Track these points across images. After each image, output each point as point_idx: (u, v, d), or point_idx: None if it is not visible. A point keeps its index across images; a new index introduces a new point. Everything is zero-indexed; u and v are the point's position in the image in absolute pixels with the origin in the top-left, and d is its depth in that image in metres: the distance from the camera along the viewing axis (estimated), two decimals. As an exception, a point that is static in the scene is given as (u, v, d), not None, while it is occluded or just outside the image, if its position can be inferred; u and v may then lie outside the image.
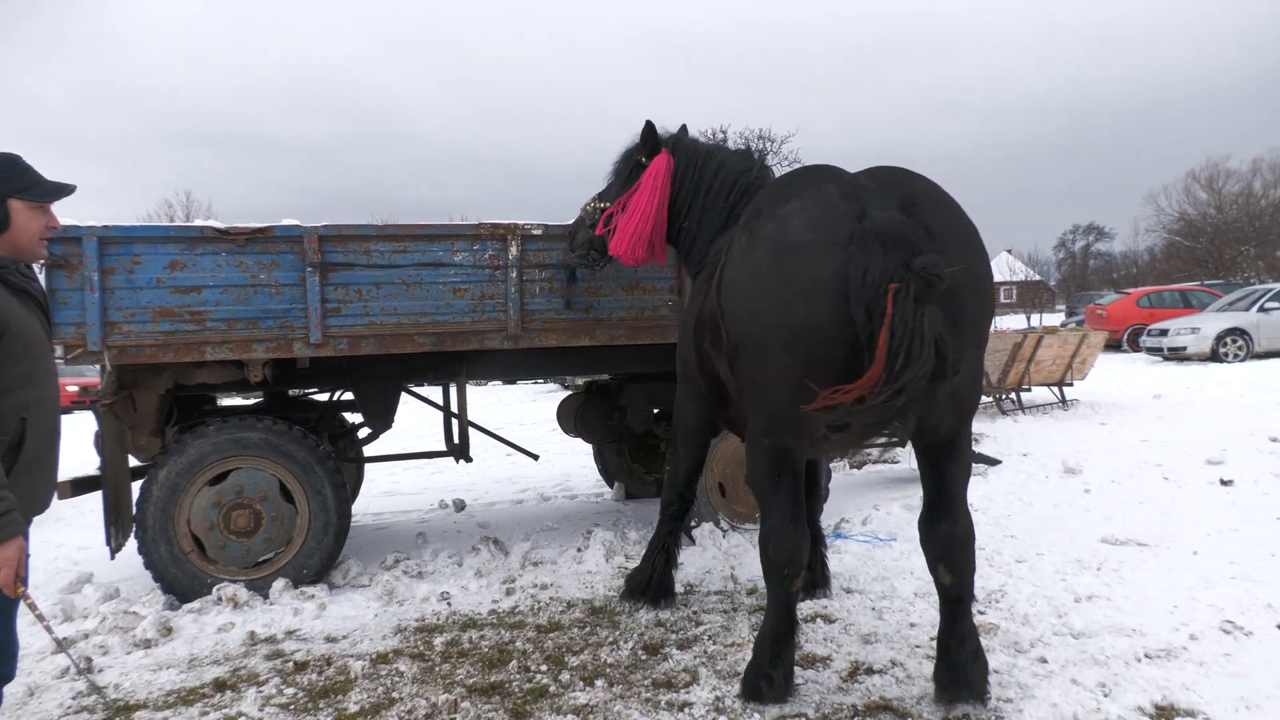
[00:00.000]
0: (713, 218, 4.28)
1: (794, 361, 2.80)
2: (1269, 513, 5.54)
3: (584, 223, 4.80)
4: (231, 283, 4.76)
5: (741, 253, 3.02)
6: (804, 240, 2.79)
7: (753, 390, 3.07)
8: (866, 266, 2.61)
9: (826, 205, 2.85)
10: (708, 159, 4.39)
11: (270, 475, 4.96)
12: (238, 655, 4.07)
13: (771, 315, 2.84)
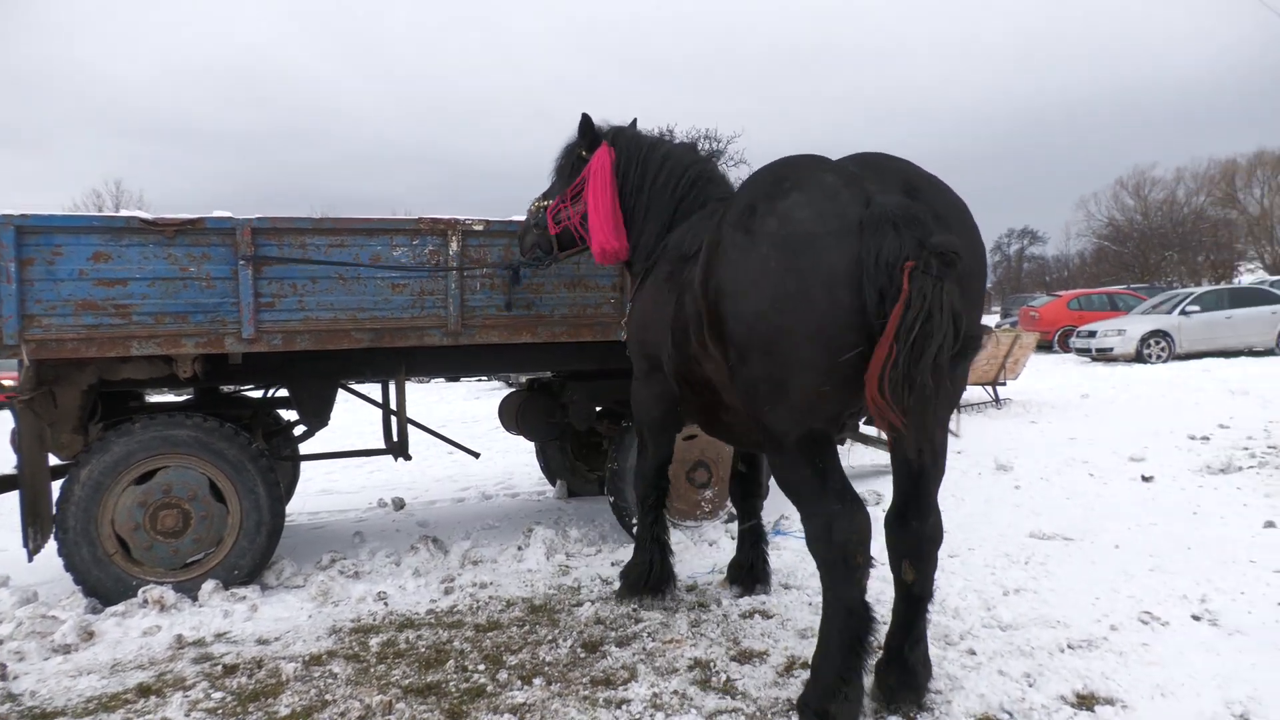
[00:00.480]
0: (659, 211, 4.22)
1: (817, 354, 2.71)
2: (1185, 508, 5.78)
3: (528, 223, 4.76)
4: (159, 275, 4.61)
5: (740, 251, 2.87)
6: (814, 232, 2.69)
7: (771, 390, 2.87)
8: (879, 248, 2.57)
9: (830, 194, 2.77)
10: (652, 150, 4.33)
11: (200, 474, 4.82)
12: (164, 659, 3.95)
13: (787, 311, 2.72)
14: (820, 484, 2.92)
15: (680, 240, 3.97)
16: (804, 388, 2.80)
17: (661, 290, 3.93)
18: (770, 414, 2.92)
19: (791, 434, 2.91)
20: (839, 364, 2.68)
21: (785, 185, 2.87)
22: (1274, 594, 4.08)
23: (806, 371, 2.76)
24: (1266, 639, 3.57)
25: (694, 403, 3.77)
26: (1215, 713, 2.99)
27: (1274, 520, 5.28)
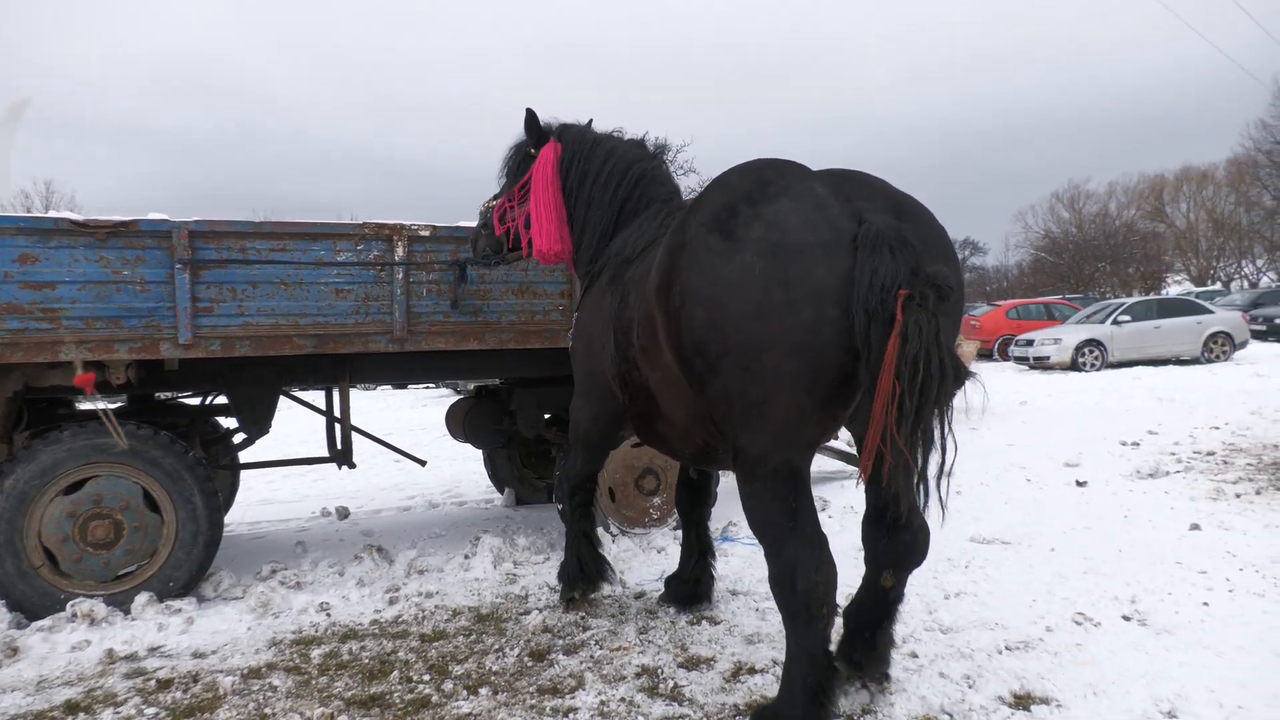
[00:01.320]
0: (601, 211, 4.05)
1: (799, 369, 2.57)
2: (1118, 511, 5.97)
3: (479, 226, 4.67)
4: (91, 279, 4.46)
5: (718, 255, 2.69)
6: (805, 242, 2.57)
7: (746, 407, 2.69)
8: (874, 269, 2.46)
9: (821, 205, 2.65)
10: (595, 146, 4.17)
11: (133, 483, 4.66)
12: (93, 675, 3.81)
13: (770, 322, 2.57)
14: (790, 523, 2.76)
15: (623, 244, 3.83)
16: (784, 406, 2.65)
17: (603, 295, 3.79)
18: (744, 435, 2.75)
19: (767, 461, 2.75)
20: (821, 382, 2.59)
21: (770, 190, 2.73)
22: (1199, 594, 4.24)
23: (787, 388, 2.61)
24: (1192, 638, 3.71)
25: (632, 410, 3.62)
26: (1144, 710, 3.09)
27: (1199, 523, 5.49)
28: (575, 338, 4.17)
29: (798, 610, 2.78)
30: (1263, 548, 4.93)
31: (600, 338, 3.75)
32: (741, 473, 2.86)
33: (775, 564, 2.81)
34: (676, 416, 3.26)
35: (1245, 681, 3.26)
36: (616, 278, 3.74)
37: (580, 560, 4.43)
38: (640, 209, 4.02)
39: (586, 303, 4.06)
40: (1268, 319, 24.34)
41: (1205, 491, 6.36)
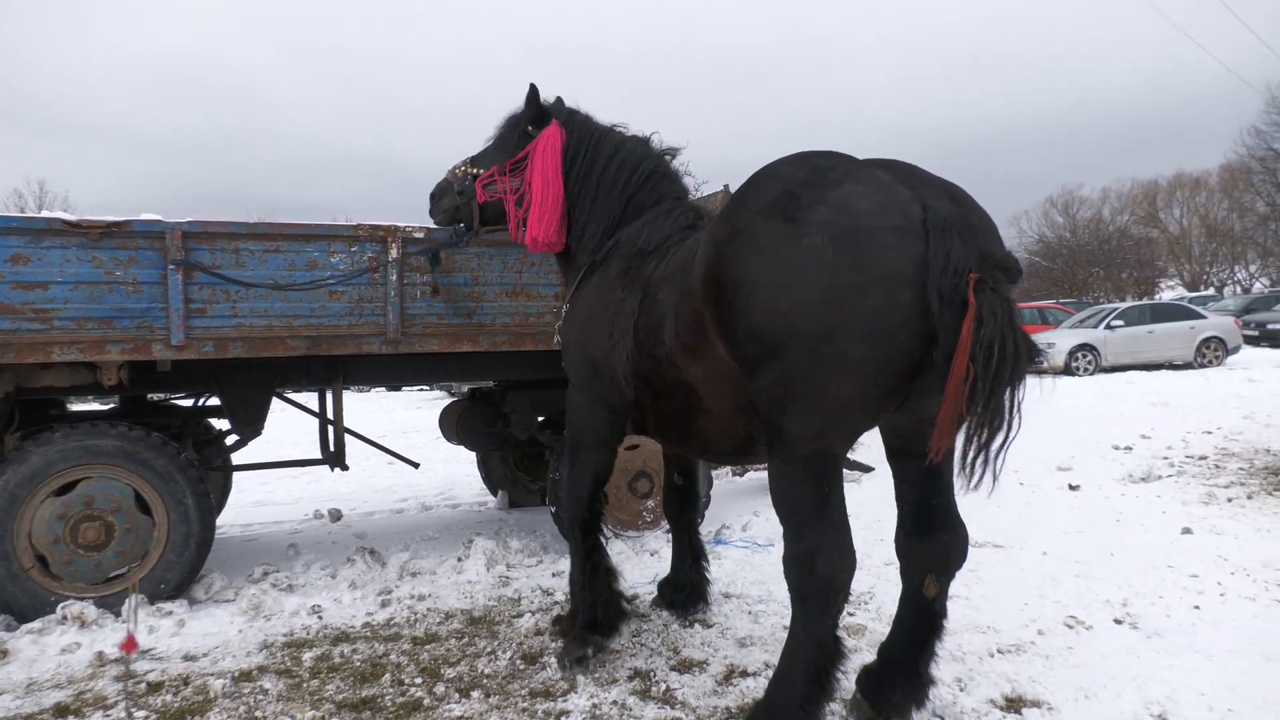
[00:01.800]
0: (608, 204, 3.94)
1: (868, 354, 2.52)
2: (1109, 515, 5.99)
3: (451, 187, 4.34)
4: (83, 279, 4.44)
5: (780, 240, 2.63)
6: (877, 225, 2.53)
7: (805, 391, 2.63)
8: (948, 253, 2.46)
9: (888, 189, 2.62)
10: (604, 138, 4.07)
11: (125, 485, 4.65)
12: (83, 678, 3.80)
13: (841, 306, 2.51)
14: (820, 508, 2.72)
15: (635, 236, 3.72)
16: (845, 391, 2.60)
17: (613, 288, 3.65)
18: (792, 418, 2.69)
19: (808, 445, 2.70)
20: (887, 368, 2.55)
21: (831, 176, 2.69)
22: (1190, 598, 4.25)
23: (851, 374, 2.56)
24: (1183, 641, 3.72)
25: (660, 409, 3.47)
26: (1135, 713, 3.10)
27: (1191, 527, 5.50)
28: (570, 328, 3.97)
29: (812, 594, 2.73)
30: (1254, 552, 4.95)
31: (607, 329, 3.60)
32: (779, 454, 2.78)
33: (795, 546, 2.74)
34: (720, 410, 3.17)
35: (1235, 685, 3.27)
36: (631, 271, 3.61)
37: (598, 604, 3.90)
38: (648, 204, 3.94)
39: (585, 293, 3.89)
40: (1260, 324, 24.43)
41: (1197, 496, 6.38)
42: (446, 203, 4.38)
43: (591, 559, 3.97)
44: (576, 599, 3.93)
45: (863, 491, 7.02)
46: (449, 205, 4.37)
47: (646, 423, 3.69)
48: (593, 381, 3.80)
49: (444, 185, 4.40)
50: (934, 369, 2.50)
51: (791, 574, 2.77)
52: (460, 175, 4.31)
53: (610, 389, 3.69)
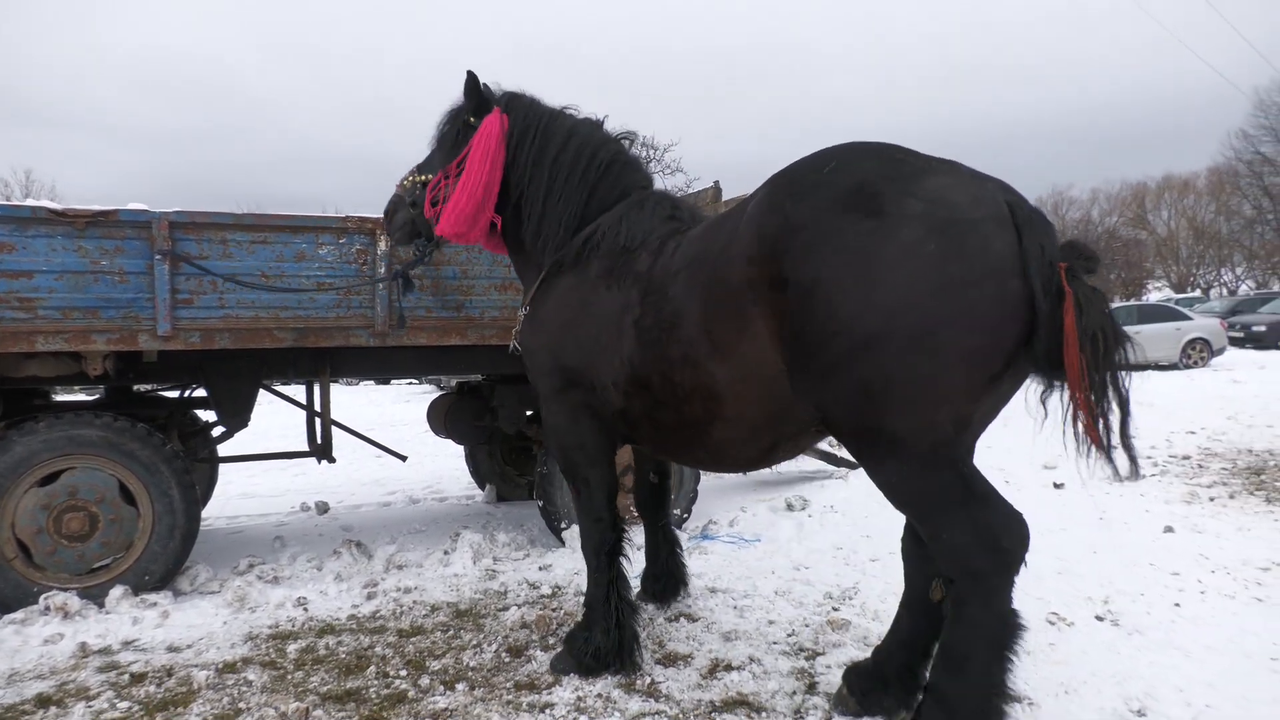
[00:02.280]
0: (568, 195, 3.65)
1: (979, 345, 2.48)
2: (1093, 514, 6.03)
3: (403, 200, 4.06)
4: (68, 268, 4.41)
5: (868, 235, 2.52)
6: (977, 216, 2.49)
7: (910, 388, 2.52)
8: (1043, 242, 2.48)
9: (978, 182, 2.60)
10: (553, 122, 3.75)
11: (109, 475, 4.63)
12: (66, 669, 3.78)
13: (952, 299, 2.45)
14: (965, 489, 2.60)
15: (614, 232, 3.50)
16: (954, 383, 2.52)
17: (594, 290, 3.43)
18: (899, 417, 2.57)
19: (926, 437, 2.58)
20: (995, 358, 2.51)
21: (907, 168, 2.62)
22: (1171, 595, 4.29)
23: (963, 365, 2.50)
24: (1163, 638, 3.75)
25: (661, 417, 3.25)
26: (1115, 709, 3.13)
27: (1173, 525, 5.55)
28: (538, 336, 3.68)
29: (993, 571, 2.57)
30: (1235, 550, 5.00)
31: (591, 334, 3.39)
32: (891, 457, 2.64)
33: (956, 532, 2.57)
34: (748, 416, 3.00)
35: (1214, 682, 3.30)
36: (617, 270, 3.39)
37: (611, 634, 3.56)
38: (613, 195, 3.68)
39: (554, 297, 3.62)
40: (1245, 326, 24.62)
41: (1180, 495, 6.43)
42: (400, 218, 4.10)
43: (616, 587, 3.65)
44: (592, 623, 3.61)
45: (849, 488, 7.05)
46: (403, 221, 4.09)
47: (638, 432, 3.45)
48: (569, 391, 3.56)
49: (395, 200, 4.12)
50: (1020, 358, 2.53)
51: (959, 559, 2.58)
52: (410, 186, 4.03)
53: (591, 397, 3.49)
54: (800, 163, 2.84)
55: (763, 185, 2.91)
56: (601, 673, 3.53)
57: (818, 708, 3.20)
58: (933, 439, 2.58)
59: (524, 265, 3.96)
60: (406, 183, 4.06)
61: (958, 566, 2.61)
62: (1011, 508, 2.63)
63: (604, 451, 3.65)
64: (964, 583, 2.61)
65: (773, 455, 3.23)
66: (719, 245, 2.95)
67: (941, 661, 2.71)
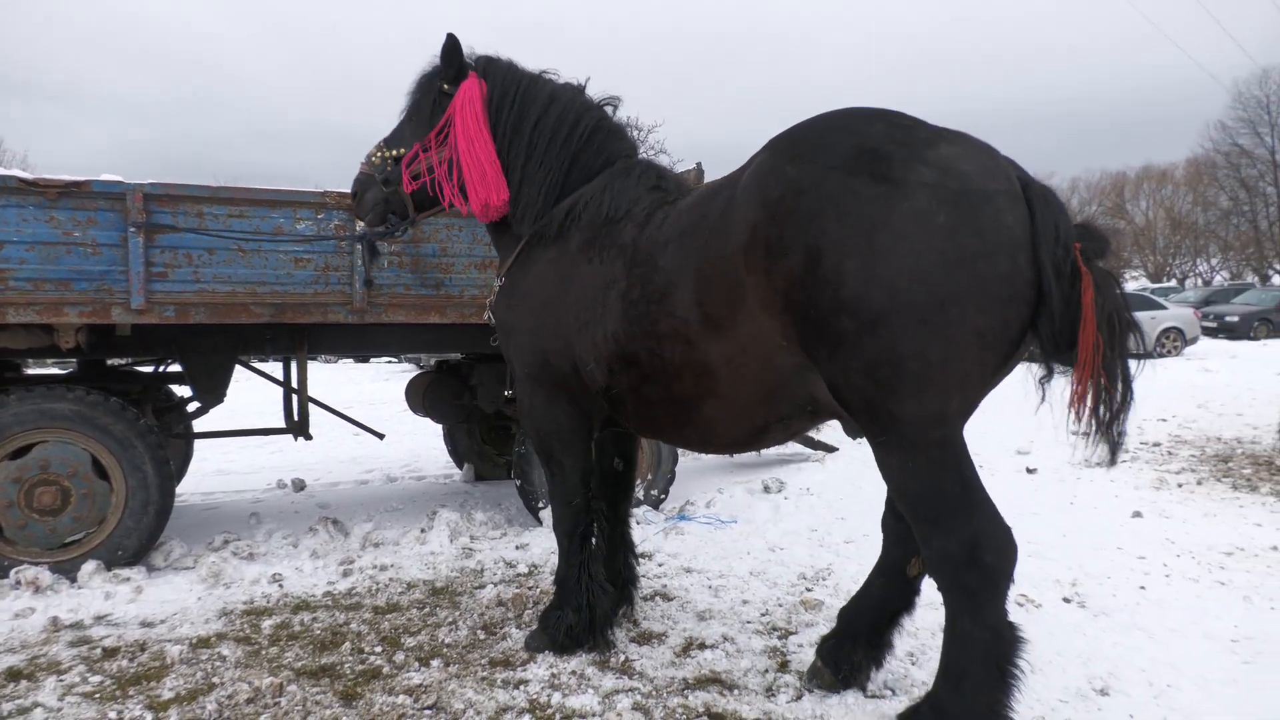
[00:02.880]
0: (548, 162, 3.48)
1: (991, 324, 2.38)
2: (1064, 498, 6.14)
3: (373, 179, 3.80)
4: (40, 239, 4.34)
5: (874, 202, 2.39)
6: (990, 189, 2.39)
7: (919, 368, 2.39)
8: (1057, 220, 2.40)
9: (990, 154, 2.50)
10: (533, 85, 3.57)
11: (82, 450, 4.58)
12: (36, 643, 3.76)
13: (960, 273, 2.33)
14: (964, 493, 2.48)
15: (596, 202, 3.34)
16: (966, 364, 2.41)
17: (575, 263, 3.29)
18: (906, 399, 2.42)
19: (933, 428, 2.46)
20: (1006, 337, 2.42)
21: (918, 134, 2.50)
22: (1137, 578, 4.38)
23: (974, 344, 2.38)
24: (1128, 620, 3.83)
25: (649, 395, 3.11)
26: (1079, 688, 3.20)
27: (1141, 510, 5.65)
28: (514, 312, 3.54)
29: (980, 587, 2.48)
30: (1200, 536, 5.10)
31: (571, 310, 3.26)
32: (897, 442, 2.51)
33: (946, 540, 2.48)
34: (741, 394, 2.86)
35: (1175, 663, 3.38)
36: (600, 241, 3.24)
37: (583, 615, 3.52)
38: (597, 164, 3.53)
39: (532, 270, 3.48)
40: (1219, 316, 25.01)
41: (1149, 481, 6.54)
42: (371, 197, 3.82)
43: (589, 570, 3.57)
44: (564, 601, 3.57)
45: (825, 471, 7.12)
46: (375, 200, 3.81)
47: (624, 411, 3.30)
48: (547, 371, 3.44)
49: (364, 179, 3.84)
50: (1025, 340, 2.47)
51: (947, 570, 2.50)
52: (380, 162, 3.78)
53: (570, 377, 3.37)
54: (801, 125, 2.71)
55: (761, 150, 2.78)
56: (575, 650, 3.52)
57: (789, 685, 3.24)
58: (943, 431, 2.47)
59: (499, 236, 3.81)
60: (375, 159, 3.80)
61: (947, 578, 2.54)
62: (1002, 521, 2.55)
63: (580, 434, 3.55)
64: (951, 595, 2.55)
65: (764, 437, 3.11)
66: (714, 213, 2.81)
67: (942, 677, 2.65)
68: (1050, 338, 2.42)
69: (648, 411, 3.19)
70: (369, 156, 3.83)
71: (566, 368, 3.36)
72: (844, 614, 3.23)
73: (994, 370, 2.51)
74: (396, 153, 3.74)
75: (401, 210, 3.82)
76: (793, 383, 2.75)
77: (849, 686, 3.16)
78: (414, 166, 3.66)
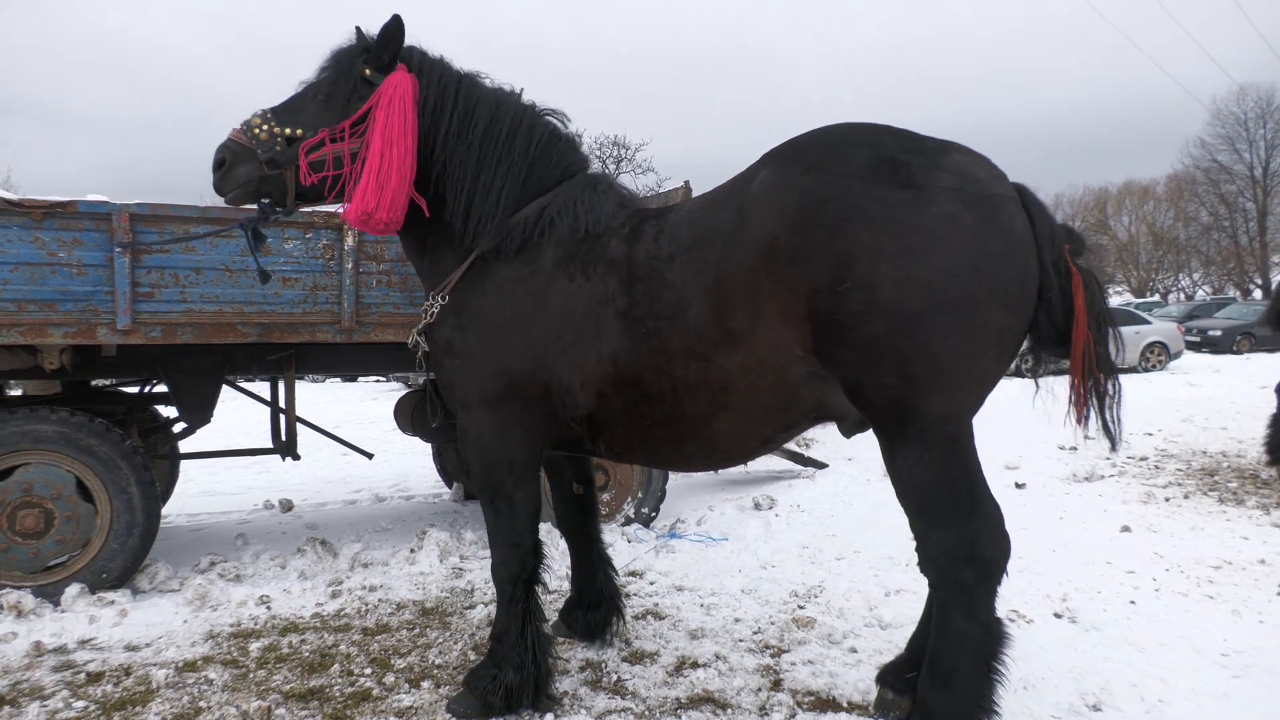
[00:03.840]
0: (504, 173, 3.20)
1: (1009, 323, 2.50)
2: (1053, 513, 6.15)
3: (250, 153, 3.18)
4: (24, 260, 4.31)
5: (900, 207, 2.44)
6: (1000, 194, 2.51)
7: (950, 366, 2.45)
8: (1050, 225, 2.57)
9: (989, 161, 2.62)
10: (474, 88, 3.29)
11: (65, 471, 4.53)
12: (19, 668, 3.70)
13: (986, 274, 2.42)
14: (970, 489, 2.56)
15: (569, 214, 3.16)
16: (987, 361, 2.51)
17: (552, 280, 3.08)
18: (934, 397, 2.48)
19: (950, 424, 2.52)
20: (1018, 336, 2.56)
21: (927, 143, 2.59)
22: (1127, 593, 4.39)
23: (994, 342, 2.48)
24: (1118, 635, 3.84)
25: (648, 415, 2.96)
26: (1071, 703, 3.19)
27: (1130, 525, 5.68)
28: (468, 335, 3.19)
29: (975, 582, 2.56)
30: (1188, 549, 5.12)
31: (553, 330, 3.05)
32: (915, 439, 2.54)
33: (945, 534, 2.55)
34: (755, 407, 2.81)
35: (1166, 677, 3.38)
36: (579, 257, 3.07)
37: (526, 673, 3.19)
38: (554, 175, 3.32)
39: (491, 289, 3.18)
40: (1202, 330, 25.24)
41: (1137, 495, 6.57)
42: (244, 173, 3.21)
43: (533, 620, 3.29)
44: (501, 658, 3.21)
45: (816, 488, 7.12)
46: (247, 176, 3.21)
47: (607, 435, 3.12)
48: (506, 399, 3.13)
49: (236, 149, 3.20)
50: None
51: (944, 564, 2.58)
52: (267, 138, 3.18)
53: (538, 401, 3.12)
54: (804, 138, 2.74)
55: (761, 163, 2.78)
56: (510, 714, 3.16)
57: (783, 704, 3.23)
58: (958, 426, 2.56)
59: (432, 250, 3.39)
60: (260, 132, 3.18)
61: (942, 573, 2.59)
62: (1000, 517, 2.63)
63: (532, 467, 3.25)
64: (947, 591, 2.60)
65: (767, 447, 3.08)
66: (725, 226, 2.75)
67: (929, 675, 2.67)
68: (1047, 334, 2.57)
69: (643, 433, 3.03)
70: (248, 126, 3.20)
71: (536, 391, 3.10)
72: (913, 642, 3.16)
73: (1005, 367, 2.61)
74: (291, 132, 3.19)
75: (279, 196, 3.26)
76: (802, 391, 2.76)
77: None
78: (317, 155, 3.16)
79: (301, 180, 3.18)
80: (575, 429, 3.17)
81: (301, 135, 3.18)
